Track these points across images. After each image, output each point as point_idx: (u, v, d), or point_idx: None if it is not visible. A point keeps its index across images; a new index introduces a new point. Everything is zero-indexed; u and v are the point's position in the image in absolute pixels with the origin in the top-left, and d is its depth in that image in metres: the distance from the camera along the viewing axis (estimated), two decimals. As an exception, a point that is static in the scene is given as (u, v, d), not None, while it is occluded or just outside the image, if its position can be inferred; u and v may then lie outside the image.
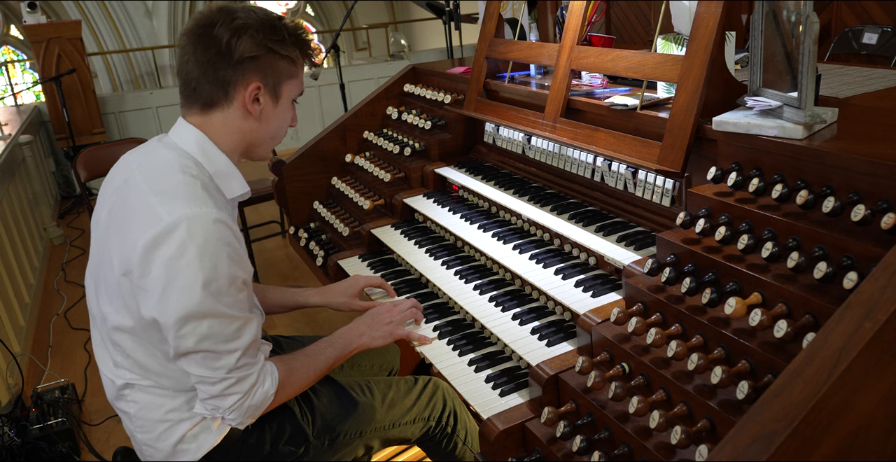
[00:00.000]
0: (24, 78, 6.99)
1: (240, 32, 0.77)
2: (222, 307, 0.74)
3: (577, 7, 1.15)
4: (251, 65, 0.79)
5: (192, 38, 0.79)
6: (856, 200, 0.68)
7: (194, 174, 0.77)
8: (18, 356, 1.86)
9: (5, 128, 3.00)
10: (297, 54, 0.82)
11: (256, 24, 0.79)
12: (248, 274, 0.78)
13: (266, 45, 0.79)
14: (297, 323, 2.20)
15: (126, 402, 0.83)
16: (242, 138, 0.83)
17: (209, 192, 0.77)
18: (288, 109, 0.85)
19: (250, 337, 0.78)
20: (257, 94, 0.81)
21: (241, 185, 0.84)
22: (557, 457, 0.78)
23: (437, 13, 2.52)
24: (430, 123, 1.51)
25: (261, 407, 0.82)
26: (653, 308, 0.82)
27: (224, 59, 0.78)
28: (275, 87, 0.82)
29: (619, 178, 1.07)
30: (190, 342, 0.74)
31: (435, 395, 1.02)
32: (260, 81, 0.80)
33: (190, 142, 0.81)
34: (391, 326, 1.00)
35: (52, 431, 1.53)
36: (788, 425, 0.49)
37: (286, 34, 0.81)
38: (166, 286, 0.72)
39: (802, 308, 0.67)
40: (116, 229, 0.78)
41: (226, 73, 0.78)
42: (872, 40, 1.74)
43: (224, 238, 0.74)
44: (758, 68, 0.83)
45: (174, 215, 0.72)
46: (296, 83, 0.84)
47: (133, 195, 0.77)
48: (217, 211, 0.75)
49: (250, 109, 0.81)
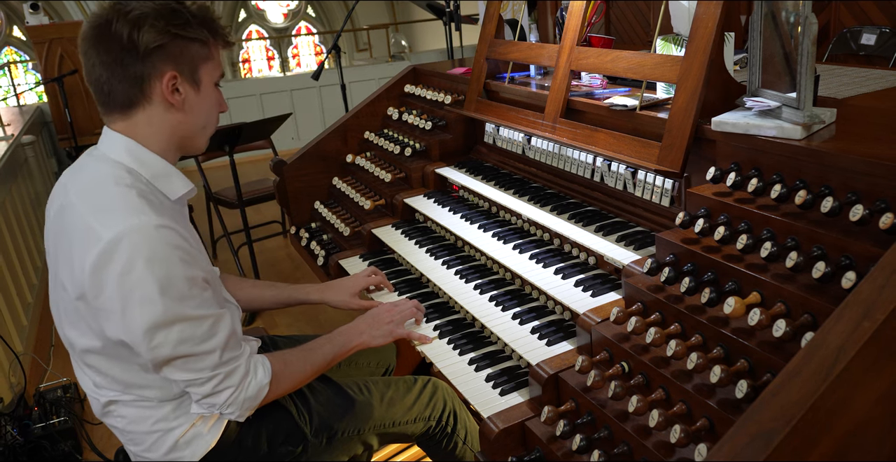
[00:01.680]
0: (27, 78, 7.02)
1: (139, 24, 0.73)
2: (188, 310, 0.73)
3: (576, 8, 1.15)
4: (160, 54, 0.74)
5: (92, 40, 0.75)
6: (854, 200, 0.68)
7: (128, 183, 0.75)
8: (21, 355, 1.87)
9: (8, 128, 3.01)
10: (205, 35, 0.78)
11: (154, 12, 0.74)
12: (206, 272, 0.76)
13: (170, 31, 0.74)
14: (299, 322, 2.20)
15: (113, 418, 0.83)
16: (173, 133, 0.79)
17: (147, 198, 0.74)
18: (212, 94, 0.81)
19: (226, 331, 0.76)
20: (175, 84, 0.76)
21: (183, 184, 0.81)
22: (557, 456, 0.78)
23: (438, 14, 2.52)
24: (430, 124, 1.51)
25: (257, 398, 0.81)
26: (652, 307, 0.82)
27: (130, 55, 0.74)
28: (192, 74, 0.78)
29: (619, 179, 1.08)
30: (166, 350, 0.73)
31: (435, 395, 1.02)
32: (174, 70, 0.76)
33: (119, 150, 0.77)
34: (391, 326, 1.00)
35: (55, 430, 1.54)
36: (787, 424, 0.50)
37: (188, 16, 0.76)
38: (125, 303, 0.70)
39: (801, 307, 0.68)
40: (62, 255, 0.76)
41: (136, 68, 0.74)
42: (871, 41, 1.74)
43: (171, 242, 0.72)
44: (756, 69, 0.83)
45: (113, 230, 0.70)
46: (213, 65, 0.80)
47: (70, 218, 0.75)
48: (157, 217, 0.72)
49: (172, 101, 0.77)
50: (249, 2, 7.75)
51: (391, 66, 4.77)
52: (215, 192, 2.63)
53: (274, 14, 8.05)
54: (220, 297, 0.81)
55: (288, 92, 4.62)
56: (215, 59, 0.81)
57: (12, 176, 2.64)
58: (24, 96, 5.57)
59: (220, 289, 0.83)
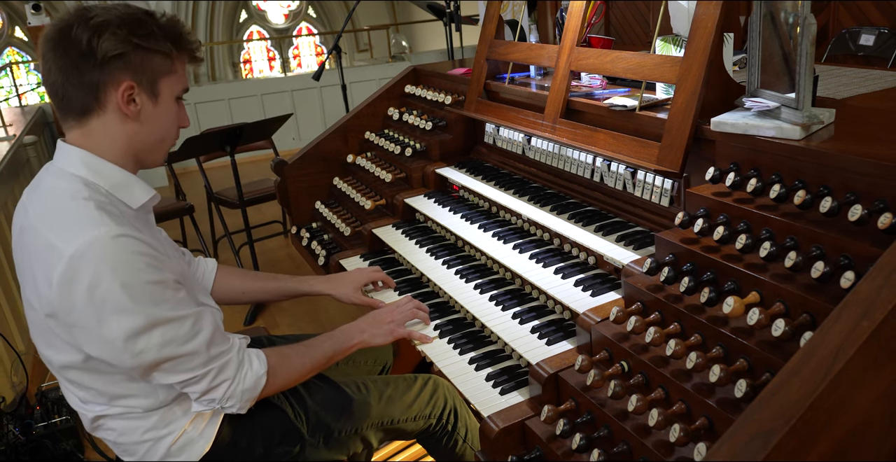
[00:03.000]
0: (29, 79, 7.03)
1: (100, 30, 0.72)
2: (165, 312, 0.72)
3: (576, 8, 1.15)
4: (118, 63, 0.73)
5: (51, 43, 0.73)
6: (853, 200, 0.68)
7: (86, 196, 0.73)
8: (23, 355, 1.87)
9: (10, 128, 3.02)
10: (169, 47, 0.76)
11: (117, 20, 0.73)
12: (177, 273, 0.76)
13: (131, 41, 0.73)
14: (300, 322, 2.21)
15: (104, 431, 0.83)
16: (129, 144, 0.78)
17: (106, 209, 0.73)
18: (171, 108, 0.79)
19: (210, 328, 0.76)
20: (132, 94, 0.75)
21: (144, 192, 0.80)
22: (557, 455, 0.78)
23: (438, 15, 2.52)
24: (430, 124, 1.52)
25: (255, 389, 0.81)
26: (652, 307, 0.82)
27: (87, 61, 0.72)
28: (151, 85, 0.76)
29: (619, 179, 1.08)
30: (150, 355, 0.72)
31: (436, 393, 1.02)
32: (132, 80, 0.74)
33: (75, 163, 0.76)
34: (392, 325, 1.00)
35: (57, 429, 1.54)
36: (786, 423, 0.50)
37: (154, 27, 0.75)
38: (99, 316, 0.70)
39: (800, 307, 0.68)
40: (26, 275, 0.76)
41: (92, 75, 0.73)
42: (869, 42, 1.74)
43: (135, 249, 0.71)
44: (756, 69, 0.83)
45: (74, 245, 0.69)
46: (175, 79, 0.78)
47: (30, 237, 0.74)
48: (117, 227, 0.71)
49: (126, 111, 0.75)
50: (250, 2, 7.76)
51: (392, 66, 4.77)
52: (216, 192, 2.64)
53: (275, 15, 8.07)
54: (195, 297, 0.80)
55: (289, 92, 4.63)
56: (178, 73, 0.79)
57: (14, 176, 2.65)
58: (26, 97, 5.58)
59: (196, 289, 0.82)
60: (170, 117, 0.80)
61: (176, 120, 0.81)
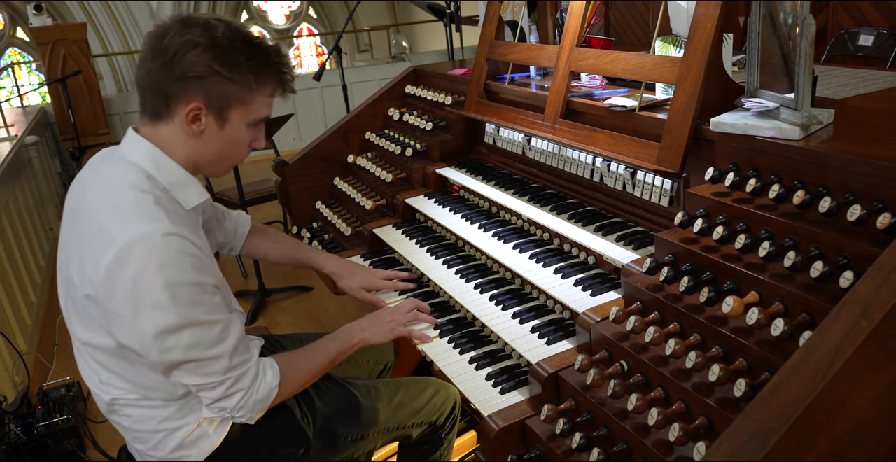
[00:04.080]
0: (30, 79, 7.05)
1: (187, 48, 0.73)
2: (199, 315, 0.73)
3: (576, 9, 1.16)
4: (194, 83, 0.74)
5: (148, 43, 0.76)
6: (852, 200, 0.68)
7: (145, 189, 0.75)
8: (25, 354, 1.87)
9: (11, 129, 3.03)
10: (249, 81, 0.76)
11: (208, 42, 0.73)
12: (216, 279, 0.78)
13: (212, 67, 0.74)
14: (301, 321, 2.21)
15: (119, 416, 0.83)
16: (189, 155, 0.79)
17: (162, 205, 0.74)
18: (239, 133, 0.80)
19: (236, 336, 0.77)
20: (198, 115, 0.76)
21: (198, 194, 0.81)
22: (557, 454, 0.78)
23: (438, 15, 2.53)
24: (431, 124, 1.52)
25: (267, 400, 0.82)
26: (651, 307, 0.82)
27: (168, 72, 0.74)
28: (220, 111, 0.77)
29: (618, 179, 1.08)
30: (176, 355, 0.73)
31: (446, 401, 1.01)
32: (202, 102, 0.75)
33: (140, 154, 0.78)
34: (392, 324, 1.01)
35: (58, 429, 1.54)
36: (785, 423, 0.50)
37: (242, 58, 0.75)
38: (136, 308, 0.71)
39: (799, 307, 0.68)
40: (73, 252, 0.77)
41: (167, 86, 0.75)
42: (868, 42, 1.74)
43: (183, 249, 0.72)
44: (755, 70, 0.84)
45: (127, 235, 0.70)
46: (249, 109, 0.78)
47: (85, 216, 0.75)
48: (171, 224, 0.72)
49: (188, 130, 0.77)
50: (251, 2, 7.77)
51: (392, 66, 4.78)
52: (217, 192, 2.64)
53: (276, 15, 8.07)
54: (228, 303, 0.81)
55: (289, 92, 4.62)
56: (254, 104, 0.79)
57: (16, 176, 2.66)
58: (28, 97, 5.59)
59: (229, 295, 0.84)
60: (235, 141, 0.81)
61: (242, 144, 0.82)
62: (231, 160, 0.84)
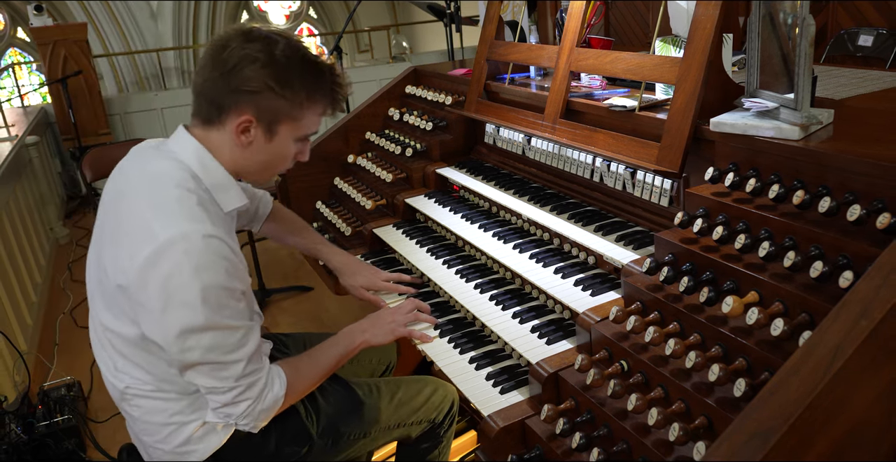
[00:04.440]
0: (31, 80, 7.05)
1: (245, 63, 0.75)
2: (224, 319, 0.74)
3: (576, 9, 1.16)
4: (247, 97, 0.76)
5: (209, 51, 0.78)
6: (851, 200, 0.69)
7: (190, 188, 0.76)
8: (25, 354, 1.88)
9: (12, 129, 3.03)
10: (301, 99, 0.78)
11: (266, 59, 0.75)
12: (245, 285, 0.79)
13: (266, 83, 0.75)
14: (302, 321, 2.21)
15: (130, 406, 0.84)
16: (235, 162, 0.82)
17: (205, 206, 0.76)
18: (286, 147, 0.82)
19: (254, 344, 0.78)
20: (248, 127, 0.78)
21: (238, 198, 0.83)
22: (557, 454, 0.79)
23: (438, 15, 2.53)
24: (431, 124, 1.52)
25: (272, 409, 0.83)
26: (651, 307, 0.82)
27: (223, 83, 0.76)
28: (270, 125, 0.79)
29: (618, 179, 1.08)
30: (195, 355, 0.74)
31: (444, 400, 1.02)
32: (252, 115, 0.77)
33: (188, 152, 0.79)
34: (393, 325, 1.01)
35: (59, 428, 1.55)
36: (785, 423, 0.50)
37: (296, 78, 0.77)
38: (166, 303, 0.72)
39: (799, 307, 0.68)
40: (110, 240, 0.78)
41: (222, 96, 0.77)
42: (868, 42, 1.74)
43: (220, 253, 0.74)
44: (755, 70, 0.84)
45: (169, 232, 0.72)
46: (298, 125, 0.80)
47: (128, 207, 0.77)
48: (212, 226, 0.74)
49: (236, 139, 0.79)
50: (252, 3, 7.78)
51: (392, 67, 4.77)
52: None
53: (276, 15, 8.08)
54: (252, 309, 0.82)
55: (290, 93, 4.61)
56: (304, 121, 0.81)
57: (16, 176, 2.66)
58: (29, 97, 5.59)
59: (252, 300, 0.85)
60: (280, 154, 0.83)
61: (287, 156, 0.84)
62: (274, 170, 0.86)
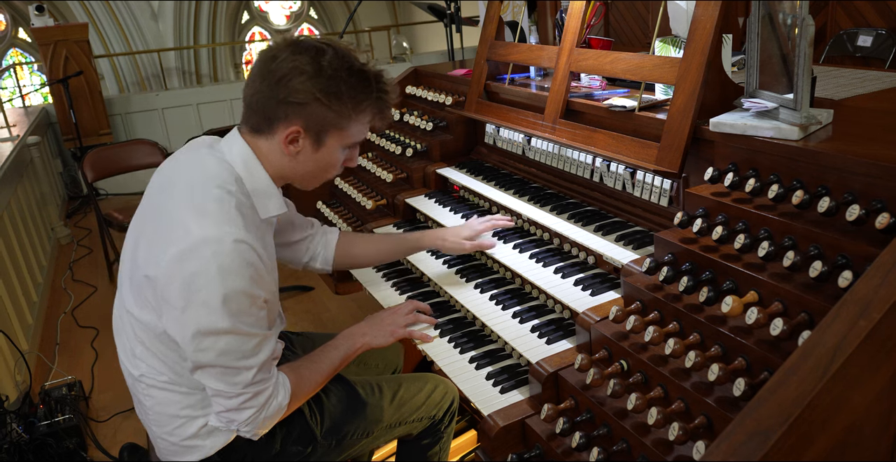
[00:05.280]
0: (32, 80, 7.07)
1: (293, 74, 0.76)
2: (242, 325, 0.75)
3: (576, 10, 1.16)
4: (296, 109, 0.78)
5: (259, 63, 0.79)
6: (850, 200, 0.69)
7: (231, 191, 0.78)
8: (26, 354, 1.88)
9: (14, 129, 3.04)
10: (348, 110, 0.79)
11: (313, 71, 0.76)
12: (270, 293, 0.79)
13: (314, 95, 0.77)
14: (303, 322, 2.22)
15: (143, 395, 0.85)
16: (282, 169, 0.83)
17: (242, 211, 0.77)
18: (333, 156, 0.83)
19: (268, 353, 0.79)
20: (296, 137, 0.80)
21: (277, 206, 0.84)
22: (557, 453, 0.79)
23: (439, 16, 2.53)
24: (431, 125, 1.52)
25: (274, 418, 0.83)
26: (651, 306, 0.83)
27: (272, 94, 0.77)
28: (318, 135, 0.80)
29: (618, 179, 1.08)
30: (209, 356, 0.75)
31: (445, 396, 1.03)
32: (301, 126, 0.79)
33: (236, 155, 0.81)
34: (392, 326, 1.02)
35: (60, 428, 1.55)
36: (784, 422, 0.50)
37: (344, 89, 0.78)
38: (188, 302, 0.73)
39: (798, 306, 0.68)
40: (149, 231, 0.79)
41: (271, 108, 0.78)
42: (867, 43, 1.75)
43: (248, 259, 0.75)
44: (754, 70, 0.84)
45: (203, 232, 0.73)
46: (345, 134, 0.82)
47: (169, 201, 0.79)
48: (244, 232, 0.75)
49: (285, 149, 0.80)
50: (252, 3, 7.79)
51: (393, 67, 4.77)
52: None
53: (276, 16, 8.09)
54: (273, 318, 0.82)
55: (290, 93, 4.61)
56: (351, 130, 0.82)
57: (18, 176, 2.67)
58: (30, 97, 5.61)
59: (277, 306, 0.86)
60: (327, 162, 0.84)
61: (335, 165, 0.85)
62: (322, 178, 0.87)
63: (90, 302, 2.48)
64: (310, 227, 1.07)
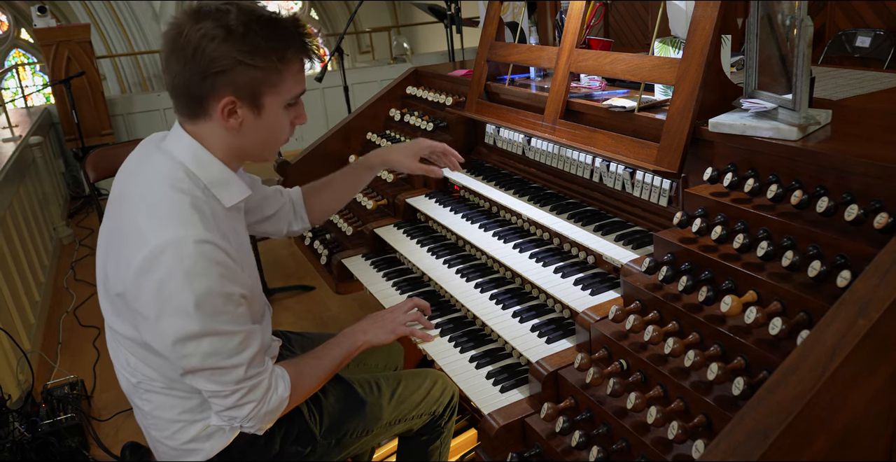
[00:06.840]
0: (35, 80, 7.09)
1: (204, 43, 0.70)
2: (221, 325, 0.73)
3: (575, 10, 1.16)
4: (221, 78, 0.71)
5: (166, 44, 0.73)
6: (849, 200, 0.69)
7: (184, 189, 0.74)
8: (29, 353, 1.89)
9: (16, 129, 3.05)
10: (273, 62, 0.73)
11: (223, 33, 0.70)
12: (246, 287, 0.76)
13: (234, 58, 0.71)
14: (302, 321, 2.22)
15: (141, 400, 0.84)
16: (231, 148, 0.78)
17: (199, 209, 0.73)
18: (277, 118, 0.77)
19: (255, 347, 0.77)
20: (233, 108, 0.74)
21: (240, 192, 0.80)
22: (557, 452, 0.79)
23: (439, 17, 2.53)
24: (431, 125, 1.53)
25: (277, 411, 0.82)
26: (650, 306, 0.83)
27: (192, 71, 0.71)
28: (253, 99, 0.74)
29: (618, 179, 1.09)
30: (194, 361, 0.74)
31: (444, 392, 1.03)
32: (233, 95, 0.73)
33: (184, 150, 0.77)
34: (393, 324, 1.02)
35: (62, 427, 1.55)
36: (783, 421, 0.50)
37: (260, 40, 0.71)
38: (159, 311, 0.71)
39: (797, 306, 0.68)
40: (111, 245, 0.77)
41: (196, 86, 0.73)
42: (865, 43, 1.75)
43: (213, 258, 0.71)
44: (753, 71, 0.84)
45: (160, 239, 0.70)
46: (282, 91, 0.75)
47: (126, 210, 0.76)
48: (204, 231, 0.71)
49: (226, 126, 0.75)
50: (253, 4, 7.80)
51: (393, 67, 4.78)
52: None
53: (277, 16, 8.10)
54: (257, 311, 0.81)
55: (291, 93, 4.62)
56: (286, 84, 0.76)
57: (20, 176, 2.67)
58: (32, 98, 5.62)
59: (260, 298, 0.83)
60: (274, 126, 0.78)
61: (283, 126, 0.79)
62: (276, 144, 0.81)
63: (92, 301, 2.49)
64: (280, 196, 1.04)
